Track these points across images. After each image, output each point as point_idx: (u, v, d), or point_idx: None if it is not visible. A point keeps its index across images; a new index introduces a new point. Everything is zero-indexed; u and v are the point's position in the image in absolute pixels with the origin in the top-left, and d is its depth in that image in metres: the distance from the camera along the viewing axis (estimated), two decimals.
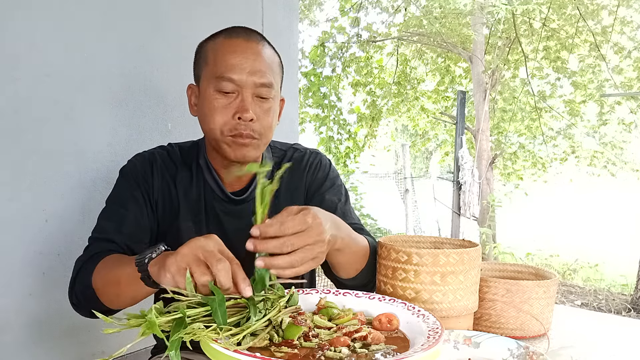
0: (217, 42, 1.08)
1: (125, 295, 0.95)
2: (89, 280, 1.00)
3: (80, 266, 1.05)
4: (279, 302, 0.79)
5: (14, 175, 1.30)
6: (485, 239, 7.13)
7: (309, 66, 8.13)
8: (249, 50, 1.05)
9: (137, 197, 1.12)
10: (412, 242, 1.24)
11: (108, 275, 0.97)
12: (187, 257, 0.75)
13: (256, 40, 1.08)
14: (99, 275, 0.99)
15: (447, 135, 9.95)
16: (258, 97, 1.06)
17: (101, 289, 0.98)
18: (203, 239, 0.78)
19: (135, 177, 1.14)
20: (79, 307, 1.06)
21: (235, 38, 1.06)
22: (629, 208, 10.34)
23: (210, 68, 1.06)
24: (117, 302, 0.99)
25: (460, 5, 7.85)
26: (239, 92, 1.04)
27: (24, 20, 1.30)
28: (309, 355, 0.69)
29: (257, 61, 1.05)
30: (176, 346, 0.66)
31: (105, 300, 0.99)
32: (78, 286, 1.03)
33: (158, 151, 1.19)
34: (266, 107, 1.07)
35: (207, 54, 1.09)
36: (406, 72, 9.03)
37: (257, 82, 1.04)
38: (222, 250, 0.77)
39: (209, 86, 1.06)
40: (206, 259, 0.74)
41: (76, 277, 1.04)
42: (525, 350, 0.87)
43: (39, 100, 1.34)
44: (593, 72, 7.63)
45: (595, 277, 6.56)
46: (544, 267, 1.41)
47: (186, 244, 0.77)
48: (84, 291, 1.01)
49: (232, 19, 1.88)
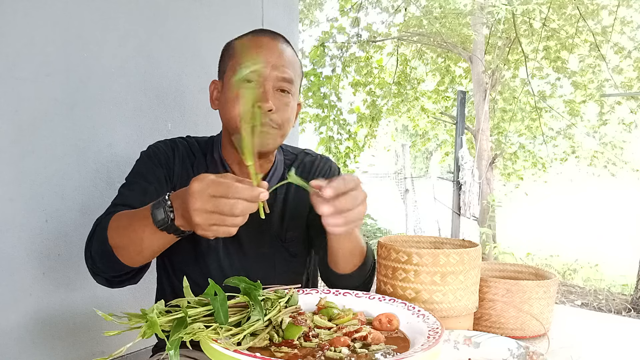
0: (244, 39, 1.14)
1: (146, 247, 0.92)
2: (104, 235, 0.96)
3: (96, 225, 1.02)
4: (279, 302, 0.79)
5: (14, 175, 1.30)
6: (485, 239, 7.13)
7: (309, 66, 8.13)
8: (274, 47, 1.10)
9: (159, 175, 1.13)
10: (412, 242, 1.24)
11: (125, 228, 0.94)
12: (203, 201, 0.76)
13: (281, 41, 1.14)
14: (115, 226, 0.95)
15: (447, 135, 9.94)
16: (278, 91, 1.10)
17: (118, 243, 0.94)
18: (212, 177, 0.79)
19: (158, 158, 1.15)
20: (94, 268, 1.02)
21: (262, 36, 1.12)
22: (629, 208, 10.33)
23: (236, 60, 1.11)
24: (136, 257, 0.95)
25: (460, 5, 7.85)
26: (261, 83, 1.08)
27: (24, 20, 1.30)
28: (309, 355, 0.69)
29: (281, 57, 1.10)
30: (176, 346, 0.66)
31: (122, 254, 0.95)
32: (95, 244, 1.00)
33: (179, 140, 1.22)
34: (286, 101, 1.11)
35: (234, 49, 1.14)
36: (406, 72, 9.02)
37: (279, 76, 1.09)
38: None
39: (232, 77, 1.10)
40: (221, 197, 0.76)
41: (93, 235, 1.02)
42: (525, 350, 0.87)
43: (39, 100, 1.34)
44: (593, 72, 7.62)
45: (596, 277, 6.55)
46: (544, 267, 1.41)
47: (196, 181, 0.78)
48: (100, 247, 0.97)
49: (232, 19, 1.88)
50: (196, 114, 1.77)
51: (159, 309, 0.70)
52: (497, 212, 7.93)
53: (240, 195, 0.76)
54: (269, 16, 2.02)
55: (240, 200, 0.76)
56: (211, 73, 1.82)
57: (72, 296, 1.43)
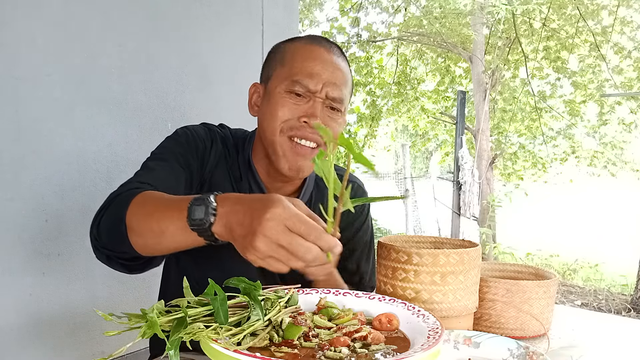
0: (297, 46, 1.06)
1: (167, 241, 0.80)
2: (122, 213, 0.84)
3: (115, 197, 0.90)
4: (279, 302, 0.79)
5: (14, 175, 1.30)
6: (485, 239, 7.13)
7: None
8: (329, 61, 1.04)
9: (192, 164, 1.04)
10: (412, 242, 1.24)
11: (149, 215, 0.81)
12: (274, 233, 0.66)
13: (337, 54, 1.07)
14: (138, 208, 0.84)
15: (447, 136, 9.95)
16: (328, 108, 1.05)
17: (136, 227, 0.83)
18: (288, 205, 0.68)
19: (196, 145, 1.07)
20: (98, 243, 0.90)
21: (318, 46, 1.05)
22: (629, 208, 10.34)
23: (287, 69, 1.04)
24: (151, 248, 0.84)
25: (460, 5, 7.85)
26: (311, 98, 1.02)
27: (24, 20, 1.30)
28: (309, 355, 0.69)
29: (335, 74, 1.04)
30: (175, 346, 0.66)
31: (136, 240, 0.84)
32: (107, 217, 0.89)
33: (218, 130, 1.14)
34: (336, 119, 1.06)
35: (284, 55, 1.06)
36: (406, 72, 9.03)
37: (330, 95, 1.03)
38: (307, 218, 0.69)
39: (279, 85, 1.03)
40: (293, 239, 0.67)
41: (107, 207, 0.90)
42: (525, 350, 0.87)
43: (39, 100, 1.34)
44: (593, 72, 7.63)
45: (595, 277, 6.56)
46: (544, 267, 1.42)
47: (269, 213, 0.67)
48: (113, 224, 0.86)
49: (232, 19, 1.88)
50: (196, 114, 1.77)
51: (158, 309, 0.70)
52: (497, 212, 7.93)
53: (318, 242, 0.68)
54: (269, 16, 2.02)
55: (315, 246, 0.68)
56: (211, 73, 1.82)
57: (72, 296, 1.43)
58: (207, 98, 1.81)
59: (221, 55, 1.85)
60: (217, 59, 1.84)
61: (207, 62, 1.80)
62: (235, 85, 1.88)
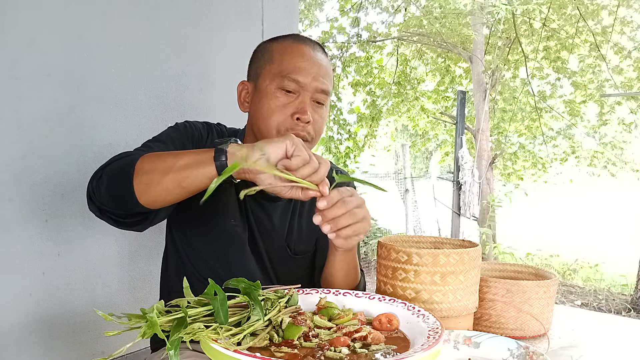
0: (285, 45, 1.12)
1: (172, 180, 0.86)
2: (132, 161, 0.91)
3: (118, 157, 0.97)
4: (279, 302, 0.79)
5: (14, 175, 1.30)
6: (485, 239, 7.13)
7: None
8: (315, 58, 1.11)
9: (186, 148, 1.10)
10: (412, 242, 1.24)
11: (161, 161, 0.89)
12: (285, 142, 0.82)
13: (320, 51, 1.14)
14: (149, 160, 0.90)
15: (447, 135, 9.94)
16: (315, 102, 1.11)
17: (144, 173, 0.89)
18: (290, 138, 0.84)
19: (192, 134, 1.13)
20: (96, 192, 0.96)
21: (304, 44, 1.12)
22: (629, 208, 10.34)
23: (276, 66, 1.10)
24: (154, 189, 0.89)
25: (460, 5, 7.85)
26: (300, 93, 1.09)
27: (24, 20, 1.30)
28: (309, 355, 0.69)
29: (321, 69, 1.11)
30: (176, 346, 0.66)
31: (140, 186, 0.89)
32: (112, 166, 0.94)
33: (215, 126, 1.21)
34: (321, 113, 1.13)
35: (272, 54, 1.12)
36: (406, 72, 9.02)
37: (318, 88, 1.10)
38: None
39: (271, 83, 1.09)
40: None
41: (115, 160, 0.96)
42: (525, 350, 0.87)
43: (39, 100, 1.34)
44: (593, 72, 7.63)
45: (595, 277, 6.55)
46: (544, 267, 1.42)
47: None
48: (119, 169, 0.92)
49: (232, 19, 1.88)
50: (196, 114, 1.77)
51: (158, 309, 0.70)
52: (497, 212, 7.93)
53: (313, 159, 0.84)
54: (269, 16, 2.02)
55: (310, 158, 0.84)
56: (211, 73, 1.82)
57: (72, 296, 1.43)
58: (207, 98, 1.81)
59: (221, 55, 1.85)
60: (217, 59, 1.83)
61: (207, 62, 1.80)
62: (235, 86, 1.88)
